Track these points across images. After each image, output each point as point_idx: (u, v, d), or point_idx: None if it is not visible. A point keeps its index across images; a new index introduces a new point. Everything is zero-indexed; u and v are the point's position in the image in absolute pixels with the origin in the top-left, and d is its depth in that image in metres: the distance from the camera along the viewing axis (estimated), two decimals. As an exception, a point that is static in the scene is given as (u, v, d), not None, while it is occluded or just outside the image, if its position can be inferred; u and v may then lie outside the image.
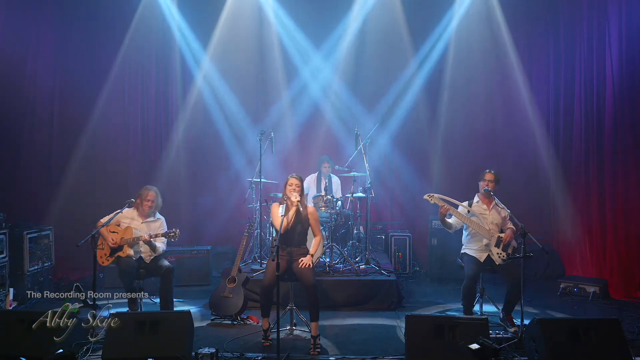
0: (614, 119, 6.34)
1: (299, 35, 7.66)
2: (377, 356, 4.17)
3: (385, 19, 7.56)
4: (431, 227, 6.97)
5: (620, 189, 6.32)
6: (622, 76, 6.28)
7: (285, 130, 7.78)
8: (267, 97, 7.89)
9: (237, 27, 7.62)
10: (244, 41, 7.67)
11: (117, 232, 4.98)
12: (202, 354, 3.85)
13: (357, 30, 7.62)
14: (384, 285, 5.63)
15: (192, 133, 7.82)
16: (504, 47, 7.32)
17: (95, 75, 7.47)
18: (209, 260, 6.74)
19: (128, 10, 7.41)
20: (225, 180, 7.77)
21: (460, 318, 4.07)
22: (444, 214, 4.81)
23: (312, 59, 7.74)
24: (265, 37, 7.71)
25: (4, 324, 4.03)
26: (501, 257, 4.79)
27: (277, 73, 7.75)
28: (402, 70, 7.69)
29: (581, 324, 3.86)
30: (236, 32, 7.62)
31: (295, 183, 4.53)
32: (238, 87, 7.77)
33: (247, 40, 7.67)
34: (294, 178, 4.57)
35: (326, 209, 6.05)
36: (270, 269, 4.34)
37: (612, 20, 6.36)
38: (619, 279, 6.19)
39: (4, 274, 5.49)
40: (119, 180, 7.49)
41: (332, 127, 7.81)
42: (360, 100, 7.80)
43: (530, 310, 5.35)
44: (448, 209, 4.77)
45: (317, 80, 7.81)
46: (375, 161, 7.50)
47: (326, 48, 7.70)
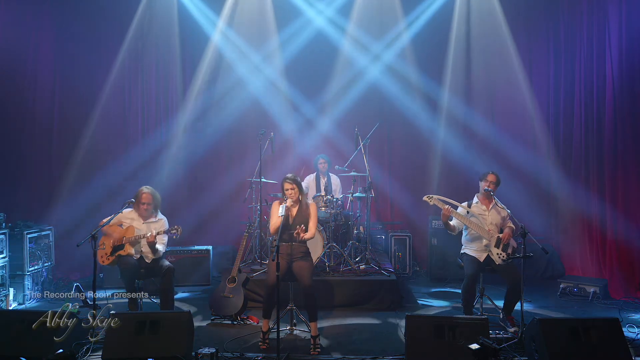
0: (614, 119, 6.35)
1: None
2: (377, 356, 4.16)
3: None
4: (431, 227, 6.97)
5: (620, 189, 6.33)
6: (622, 76, 6.28)
7: (285, 132, 7.79)
8: (266, 100, 7.89)
9: (239, 25, 7.64)
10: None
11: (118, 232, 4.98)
12: (202, 354, 3.84)
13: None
14: (384, 285, 5.63)
15: (192, 133, 7.82)
16: (505, 47, 7.32)
17: (95, 75, 7.48)
18: (209, 260, 6.74)
19: (128, 9, 7.43)
20: (226, 180, 7.76)
21: (460, 318, 4.06)
22: (447, 216, 4.77)
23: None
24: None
25: (4, 324, 4.04)
26: (501, 257, 4.79)
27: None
28: (402, 71, 7.70)
29: (581, 323, 3.86)
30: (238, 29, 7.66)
31: (289, 187, 4.52)
32: (238, 87, 7.78)
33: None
34: (287, 182, 4.53)
35: (326, 209, 6.05)
36: (272, 269, 4.34)
37: (612, 20, 6.36)
38: (619, 279, 6.19)
39: (4, 274, 5.50)
40: (119, 180, 7.49)
41: (332, 129, 7.83)
42: (361, 100, 7.80)
43: (530, 310, 5.35)
44: (450, 211, 4.75)
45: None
46: (375, 161, 7.50)
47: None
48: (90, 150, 7.38)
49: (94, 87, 7.44)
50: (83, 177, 7.30)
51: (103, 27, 7.49)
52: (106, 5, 7.42)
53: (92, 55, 7.47)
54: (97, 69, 7.49)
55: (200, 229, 7.64)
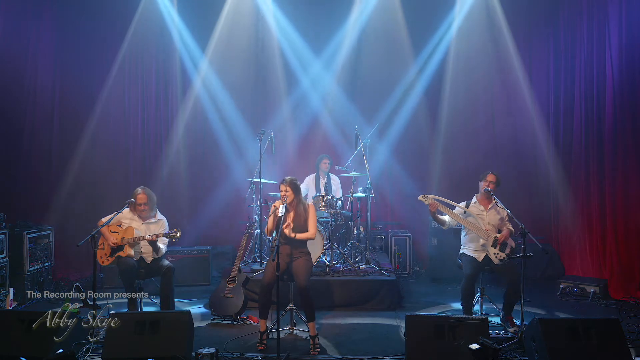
0: (614, 119, 6.34)
1: (298, 41, 7.67)
2: (377, 356, 4.16)
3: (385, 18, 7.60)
4: (431, 227, 6.96)
5: (620, 189, 6.32)
6: (622, 76, 6.27)
7: (285, 134, 7.79)
8: (267, 99, 7.89)
9: (237, 28, 7.64)
10: (242, 43, 7.69)
11: (118, 232, 4.97)
12: (202, 354, 3.84)
13: (357, 35, 7.63)
14: (384, 285, 5.63)
15: (192, 132, 7.82)
16: (505, 47, 7.32)
17: (95, 74, 7.49)
18: (209, 260, 6.73)
19: (129, 9, 7.43)
20: (226, 180, 7.76)
21: (460, 318, 4.07)
22: (433, 211, 4.85)
23: (312, 67, 7.74)
24: (265, 42, 7.75)
25: (4, 324, 4.03)
26: (498, 257, 4.79)
27: (278, 81, 7.76)
28: (403, 72, 7.69)
29: (581, 323, 3.86)
30: (235, 33, 7.64)
31: (283, 190, 4.54)
32: (237, 87, 7.77)
33: (246, 43, 7.70)
34: (281, 185, 4.56)
35: (326, 209, 6.05)
36: (270, 269, 4.35)
37: (612, 20, 6.36)
38: (619, 279, 6.18)
39: (4, 274, 5.50)
40: (119, 180, 7.50)
41: (331, 132, 7.83)
42: (361, 101, 7.80)
43: (530, 310, 5.34)
44: (436, 205, 4.79)
45: (316, 87, 7.82)
46: (375, 161, 7.50)
47: (325, 56, 7.70)
48: (90, 150, 7.38)
49: (94, 87, 7.45)
50: (83, 177, 7.30)
51: (103, 26, 7.49)
52: (107, 4, 7.42)
53: (93, 54, 7.47)
54: (98, 69, 7.49)
55: (200, 229, 7.65)
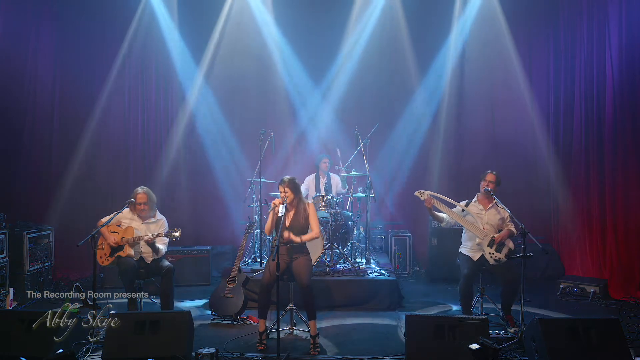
0: (614, 119, 6.34)
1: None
2: (377, 356, 4.16)
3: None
4: (431, 227, 6.96)
5: (620, 189, 6.32)
6: (622, 76, 6.27)
7: (285, 135, 7.80)
8: (265, 99, 7.89)
9: (235, 32, 7.66)
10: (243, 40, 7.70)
11: (117, 232, 4.97)
12: (202, 354, 3.84)
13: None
14: (384, 285, 5.63)
15: (192, 132, 7.82)
16: (505, 47, 7.32)
17: (95, 75, 7.49)
18: (209, 260, 6.73)
19: (129, 9, 7.43)
20: (226, 180, 7.76)
21: (460, 318, 4.07)
22: (429, 207, 4.84)
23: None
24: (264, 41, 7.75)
25: (4, 324, 4.04)
26: (493, 257, 4.79)
27: (278, 80, 7.77)
28: (404, 72, 7.70)
29: (581, 323, 3.86)
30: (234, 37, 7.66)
31: (281, 191, 4.54)
32: (237, 87, 7.78)
33: (246, 42, 7.71)
34: (279, 186, 4.56)
35: (326, 209, 6.05)
36: (270, 269, 4.35)
37: (612, 20, 6.36)
38: (619, 279, 6.18)
39: (4, 274, 5.50)
40: (119, 180, 7.49)
41: (331, 132, 7.83)
42: (362, 101, 7.80)
43: (530, 310, 5.34)
44: (432, 201, 4.79)
45: (317, 86, 7.84)
46: (375, 161, 7.50)
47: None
48: (90, 150, 7.39)
49: (94, 87, 7.45)
50: (83, 177, 7.31)
51: (104, 26, 7.49)
52: (107, 4, 7.42)
53: (93, 54, 7.48)
54: (98, 69, 7.49)
55: (200, 229, 7.65)
